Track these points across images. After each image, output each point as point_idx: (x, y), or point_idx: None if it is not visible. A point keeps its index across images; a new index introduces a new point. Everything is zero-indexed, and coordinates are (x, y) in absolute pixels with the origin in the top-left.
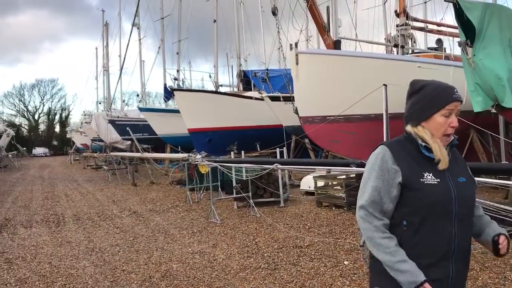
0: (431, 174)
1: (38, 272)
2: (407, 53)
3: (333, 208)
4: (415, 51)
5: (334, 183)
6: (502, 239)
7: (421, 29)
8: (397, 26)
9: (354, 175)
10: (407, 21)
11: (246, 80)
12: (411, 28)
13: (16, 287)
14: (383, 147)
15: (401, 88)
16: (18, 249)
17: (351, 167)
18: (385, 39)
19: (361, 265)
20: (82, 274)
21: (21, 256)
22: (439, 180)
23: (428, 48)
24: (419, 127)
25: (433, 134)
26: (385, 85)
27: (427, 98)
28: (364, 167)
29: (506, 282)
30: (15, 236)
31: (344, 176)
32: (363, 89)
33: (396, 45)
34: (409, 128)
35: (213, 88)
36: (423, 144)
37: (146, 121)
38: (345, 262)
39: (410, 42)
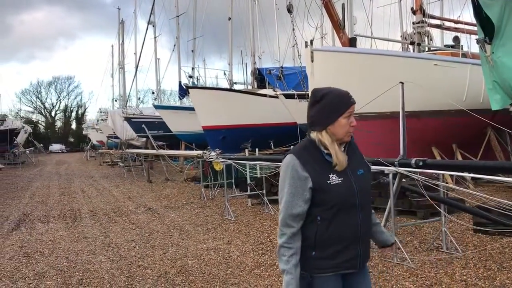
0: (335, 175)
1: (56, 267)
2: (424, 51)
3: None
4: (431, 48)
5: None
6: (390, 248)
7: (437, 26)
8: (413, 23)
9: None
10: (423, 19)
11: (261, 77)
12: (428, 26)
13: (34, 281)
14: (291, 156)
15: (418, 86)
16: (36, 243)
17: None
18: (401, 36)
19: (376, 263)
20: (99, 269)
21: (39, 251)
22: (342, 179)
23: (445, 46)
24: (323, 132)
25: (337, 135)
26: (401, 83)
27: (331, 104)
28: (380, 165)
29: None
30: (33, 231)
31: None
32: (379, 87)
33: (412, 43)
34: (314, 134)
35: (227, 86)
36: (325, 151)
37: (161, 118)
38: None
39: (426, 39)
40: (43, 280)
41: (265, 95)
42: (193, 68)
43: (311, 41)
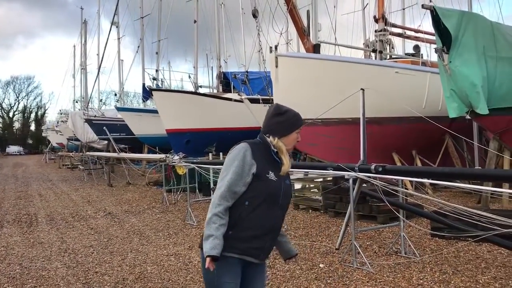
0: (273, 173)
1: (8, 274)
2: (385, 59)
3: (310, 210)
4: (393, 56)
5: (311, 185)
6: (295, 259)
7: (399, 35)
8: (375, 31)
9: (330, 178)
10: (385, 27)
11: (226, 81)
12: (389, 34)
13: None
14: (245, 144)
15: (379, 93)
16: None
17: (328, 170)
18: (363, 44)
19: (336, 268)
20: (54, 276)
21: None
22: (276, 178)
23: (406, 54)
24: (278, 140)
25: (287, 146)
26: (362, 89)
27: (290, 120)
28: (340, 170)
29: (478, 286)
30: None
31: (321, 179)
32: (341, 93)
33: (374, 50)
34: (270, 138)
35: (192, 89)
36: (275, 150)
37: (123, 120)
38: (321, 265)
39: (388, 47)
40: None
41: (230, 99)
42: (157, 70)
43: (276, 47)
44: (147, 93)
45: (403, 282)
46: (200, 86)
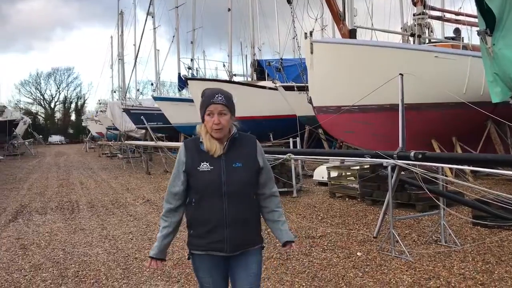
0: (207, 163)
1: (52, 259)
2: (424, 43)
3: (347, 199)
4: (432, 40)
5: (348, 173)
6: (288, 247)
7: (438, 18)
8: (414, 15)
9: (368, 166)
10: (424, 10)
11: (260, 69)
12: (428, 17)
13: (30, 273)
14: (182, 144)
15: (418, 78)
16: (33, 235)
17: (365, 157)
18: (401, 28)
19: (374, 256)
20: (95, 261)
21: (36, 243)
22: (212, 167)
23: (446, 38)
24: (202, 125)
25: (208, 129)
26: (401, 74)
27: (202, 103)
28: (378, 158)
29: None
30: (30, 222)
31: (358, 167)
32: (379, 79)
33: (412, 35)
34: (197, 127)
35: (226, 78)
36: (200, 141)
37: (160, 110)
38: (358, 254)
39: (427, 31)
40: (38, 272)
41: (264, 87)
42: (192, 60)
43: (311, 33)
44: (183, 83)
45: (443, 272)
46: (235, 75)
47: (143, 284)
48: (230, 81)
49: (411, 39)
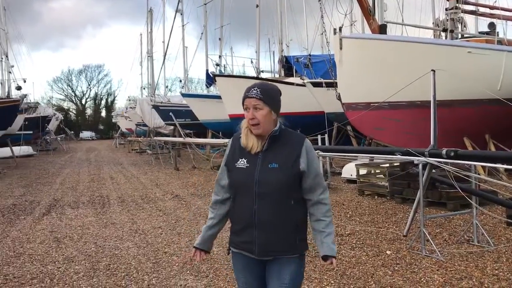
0: (245, 160)
1: (84, 252)
2: (457, 38)
3: (376, 197)
4: (465, 35)
5: (377, 171)
6: (329, 262)
7: (472, 12)
8: (446, 9)
9: (398, 164)
10: (457, 4)
11: (288, 66)
12: (462, 12)
13: (64, 265)
14: (231, 138)
15: (450, 74)
16: (65, 228)
17: (396, 155)
18: (433, 23)
19: (404, 255)
20: (126, 255)
21: (69, 236)
22: (248, 165)
23: (479, 33)
24: (244, 120)
25: (247, 125)
26: (433, 70)
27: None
28: (409, 155)
29: None
30: (63, 216)
31: (387, 165)
32: (410, 75)
33: (445, 30)
34: (242, 121)
35: (254, 74)
36: (240, 137)
37: (188, 106)
38: (388, 252)
39: (460, 26)
40: (71, 264)
41: (292, 84)
42: (220, 56)
43: (340, 28)
44: (211, 79)
45: (476, 272)
46: (262, 71)
47: (173, 278)
48: (257, 78)
49: (443, 34)
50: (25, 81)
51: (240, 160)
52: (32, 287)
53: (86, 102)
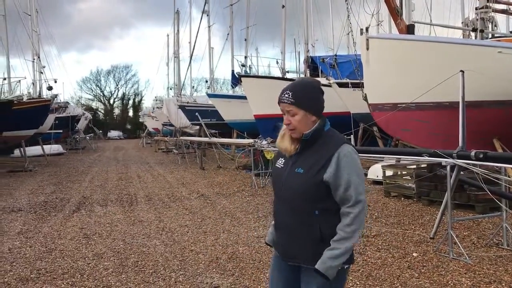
0: (283, 160)
1: (113, 248)
2: (487, 38)
3: (402, 198)
4: (495, 35)
5: (404, 172)
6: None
7: (503, 11)
8: (476, 9)
9: (425, 165)
10: (487, 4)
11: (314, 66)
12: (492, 11)
13: (93, 261)
14: None
15: (480, 75)
16: (95, 225)
17: (423, 156)
18: (462, 23)
19: (430, 257)
20: (153, 252)
21: (98, 233)
22: (283, 166)
23: (511, 32)
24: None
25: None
26: (462, 71)
27: None
28: (437, 157)
29: None
30: (92, 213)
31: (414, 166)
32: (438, 75)
33: (474, 30)
34: None
35: (279, 75)
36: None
37: (214, 107)
38: (414, 254)
39: (490, 26)
40: (101, 260)
41: None
42: (245, 57)
43: (367, 28)
44: (236, 80)
45: (505, 276)
46: (288, 71)
47: (199, 276)
48: (283, 78)
49: (472, 34)
50: (56, 81)
51: (279, 160)
52: (63, 282)
53: (114, 102)
